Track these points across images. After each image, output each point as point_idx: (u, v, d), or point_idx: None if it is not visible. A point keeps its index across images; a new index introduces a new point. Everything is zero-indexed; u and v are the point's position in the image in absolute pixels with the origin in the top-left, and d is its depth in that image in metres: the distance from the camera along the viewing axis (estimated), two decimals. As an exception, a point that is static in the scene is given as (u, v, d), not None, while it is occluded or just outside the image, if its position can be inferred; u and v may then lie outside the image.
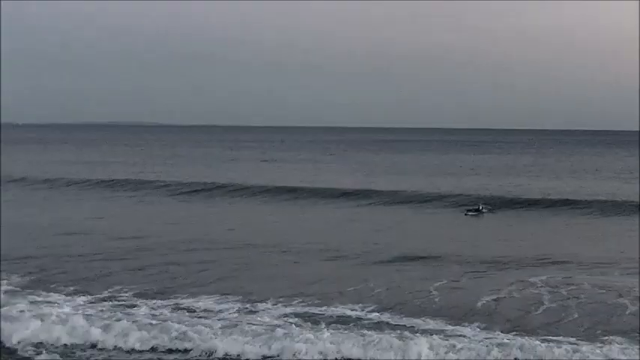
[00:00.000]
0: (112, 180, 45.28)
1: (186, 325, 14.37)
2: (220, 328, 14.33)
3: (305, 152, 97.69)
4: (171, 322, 14.64)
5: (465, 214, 33.61)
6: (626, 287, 18.54)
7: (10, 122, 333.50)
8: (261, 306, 16.36)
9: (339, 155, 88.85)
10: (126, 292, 17.66)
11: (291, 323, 14.84)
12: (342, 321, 15.26)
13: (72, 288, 17.91)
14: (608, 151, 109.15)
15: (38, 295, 17.03)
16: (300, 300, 16.88)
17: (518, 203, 36.59)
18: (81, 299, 16.80)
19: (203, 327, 14.28)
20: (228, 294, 17.41)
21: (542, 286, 18.53)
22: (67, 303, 16.34)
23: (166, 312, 15.75)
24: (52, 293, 17.34)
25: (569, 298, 17.37)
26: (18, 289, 17.66)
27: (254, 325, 14.62)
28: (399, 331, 14.41)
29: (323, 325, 14.79)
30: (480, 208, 34.30)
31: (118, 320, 14.65)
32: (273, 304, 16.50)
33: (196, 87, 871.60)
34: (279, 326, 14.50)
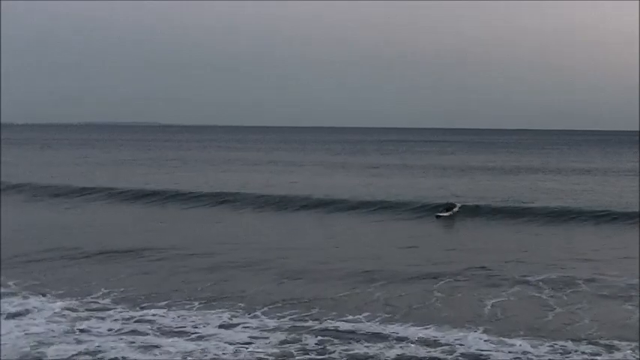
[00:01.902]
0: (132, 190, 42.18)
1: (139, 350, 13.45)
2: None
3: (308, 154, 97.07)
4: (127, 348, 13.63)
5: (437, 217, 31.89)
6: (628, 292, 18.11)
7: (9, 122, 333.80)
8: (243, 319, 15.57)
9: (341, 158, 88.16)
10: (105, 297, 17.23)
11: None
12: (330, 334, 14.52)
13: (57, 292, 17.64)
14: (607, 151, 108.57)
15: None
16: (293, 311, 16.21)
17: (489, 208, 34.30)
18: (55, 305, 16.31)
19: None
20: (215, 303, 16.85)
21: (540, 289, 18.03)
22: (36, 313, 15.76)
23: (137, 327, 14.86)
24: (31, 296, 17.12)
25: (571, 304, 16.87)
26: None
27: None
28: (401, 343, 13.89)
29: (307, 341, 14.10)
30: (452, 207, 32.62)
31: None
32: (259, 316, 15.80)
33: (196, 87, 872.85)
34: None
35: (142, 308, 16.29)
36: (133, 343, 13.82)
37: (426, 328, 14.83)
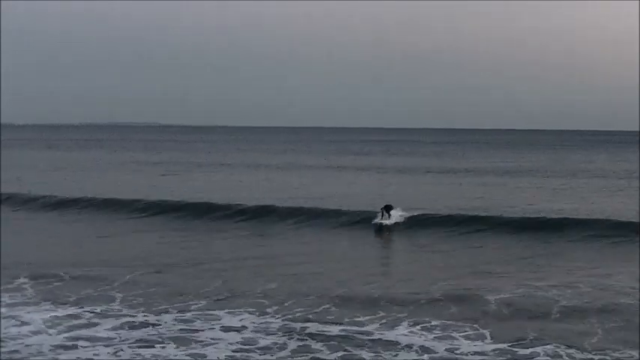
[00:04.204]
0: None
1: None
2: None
3: (307, 155, 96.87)
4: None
5: (378, 225, 29.46)
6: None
7: (9, 123, 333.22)
8: (248, 323, 15.86)
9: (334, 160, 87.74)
10: (119, 304, 17.56)
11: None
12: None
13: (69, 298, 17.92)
14: (610, 152, 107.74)
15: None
16: (298, 314, 16.55)
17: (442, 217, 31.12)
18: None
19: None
20: (220, 305, 17.22)
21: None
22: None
23: (142, 335, 15.02)
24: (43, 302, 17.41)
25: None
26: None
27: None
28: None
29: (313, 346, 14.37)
30: (388, 212, 29.77)
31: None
32: (265, 321, 16.06)
33: (196, 87, 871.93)
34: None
35: (154, 313, 16.59)
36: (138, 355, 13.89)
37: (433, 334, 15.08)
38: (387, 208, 29.97)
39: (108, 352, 13.75)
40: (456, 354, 13.84)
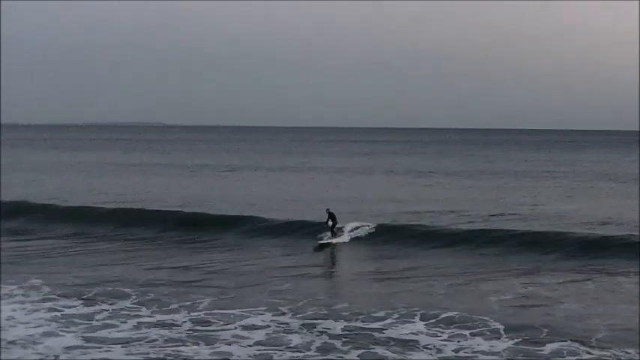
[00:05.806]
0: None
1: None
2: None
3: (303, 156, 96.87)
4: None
5: (320, 244, 27.29)
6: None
7: (14, 123, 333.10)
8: (263, 321, 16.31)
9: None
10: (134, 301, 18.15)
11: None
12: (351, 336, 15.20)
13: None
14: (607, 151, 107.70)
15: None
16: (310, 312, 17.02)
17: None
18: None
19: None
20: (235, 304, 17.66)
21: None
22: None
23: (159, 331, 15.55)
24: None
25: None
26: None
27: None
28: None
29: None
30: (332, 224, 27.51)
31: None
32: (280, 319, 16.51)
33: (198, 88, 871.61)
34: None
35: (167, 312, 17.04)
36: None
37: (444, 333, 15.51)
38: (331, 218, 27.77)
39: (125, 352, 14.08)
40: (472, 352, 14.24)
